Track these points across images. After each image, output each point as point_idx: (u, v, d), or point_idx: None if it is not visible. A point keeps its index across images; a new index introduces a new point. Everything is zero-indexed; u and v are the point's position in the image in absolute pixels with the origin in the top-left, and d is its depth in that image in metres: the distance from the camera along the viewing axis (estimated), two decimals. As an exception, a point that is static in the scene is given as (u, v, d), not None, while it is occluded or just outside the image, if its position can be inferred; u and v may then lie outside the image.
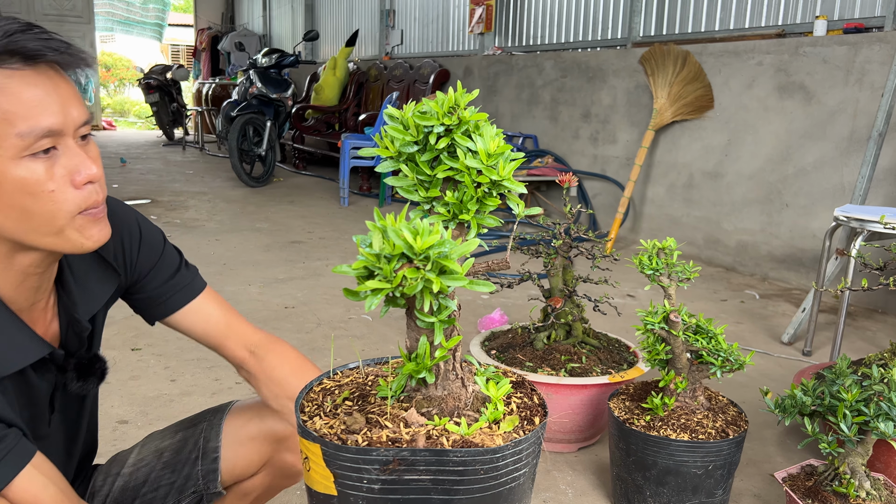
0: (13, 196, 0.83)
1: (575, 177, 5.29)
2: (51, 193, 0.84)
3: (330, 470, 0.76)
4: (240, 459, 1.24)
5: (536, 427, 0.80)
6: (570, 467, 1.99)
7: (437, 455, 0.72)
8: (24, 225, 0.85)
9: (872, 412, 1.41)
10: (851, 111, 3.66)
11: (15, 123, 0.80)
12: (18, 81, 0.81)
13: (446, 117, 0.78)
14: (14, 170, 0.81)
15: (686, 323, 1.66)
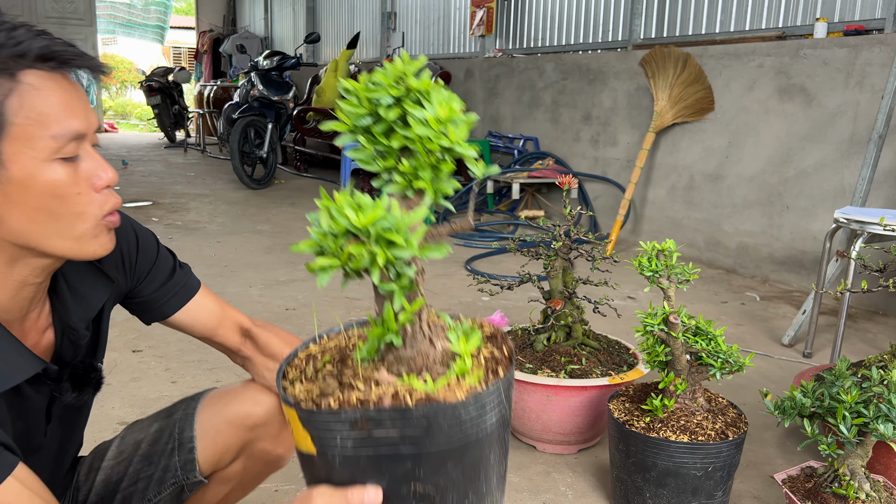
0: (41, 198, 0.83)
1: (575, 179, 5.30)
2: (77, 196, 0.85)
3: (307, 431, 0.80)
4: (216, 447, 1.23)
5: (500, 378, 0.80)
6: (570, 469, 1.99)
7: (401, 412, 0.76)
8: (47, 228, 0.85)
9: (872, 414, 1.41)
10: (852, 113, 3.67)
11: (49, 125, 0.81)
12: (52, 85, 0.83)
13: (394, 88, 0.77)
14: (45, 172, 0.82)
15: (685, 324, 1.66)
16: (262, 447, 1.25)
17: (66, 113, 0.83)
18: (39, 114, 0.81)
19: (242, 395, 1.25)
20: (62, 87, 0.83)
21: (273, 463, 1.29)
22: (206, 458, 1.23)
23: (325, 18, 10.92)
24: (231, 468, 1.28)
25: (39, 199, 0.83)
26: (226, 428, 1.23)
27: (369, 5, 9.34)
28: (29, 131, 0.81)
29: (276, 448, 1.25)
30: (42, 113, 0.81)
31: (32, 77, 0.81)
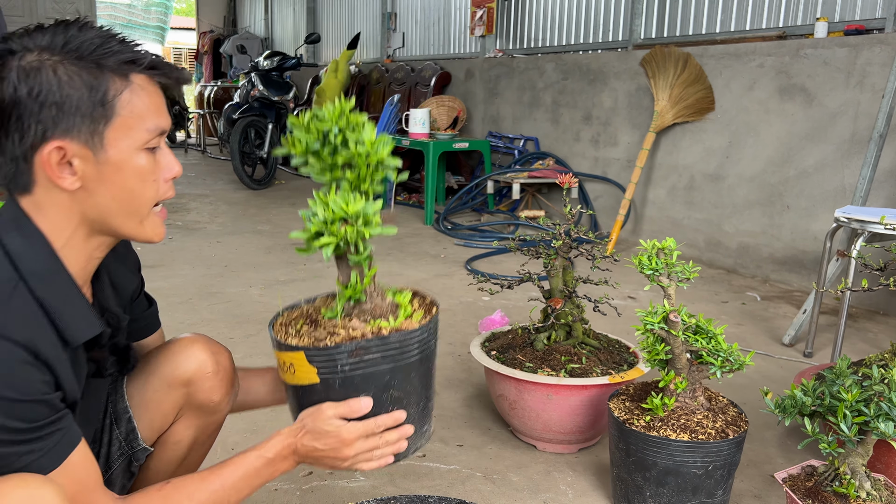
0: (128, 179, 0.99)
1: (575, 178, 5.29)
2: (154, 182, 1.02)
3: (313, 366, 1.11)
4: (152, 412, 1.29)
5: (434, 314, 1.20)
6: (570, 468, 1.99)
7: (382, 340, 1.10)
8: (125, 207, 1.00)
9: (873, 412, 1.41)
10: (852, 113, 3.66)
11: (145, 119, 0.99)
12: (151, 88, 1.01)
13: (339, 120, 1.11)
14: (135, 158, 0.99)
15: (686, 323, 1.66)
16: (200, 398, 1.30)
17: (158, 112, 1.01)
18: (140, 109, 0.98)
19: (169, 354, 1.30)
20: (157, 91, 1.02)
21: (214, 411, 1.33)
22: (148, 425, 1.29)
23: (325, 19, 10.93)
24: (175, 429, 1.33)
25: (126, 180, 0.99)
26: (161, 389, 1.28)
27: (369, 6, 9.34)
28: (130, 122, 0.98)
29: (212, 396, 1.30)
30: (142, 109, 0.99)
31: (139, 80, 0.99)
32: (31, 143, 0.94)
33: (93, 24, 0.98)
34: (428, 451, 2.05)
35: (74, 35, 0.95)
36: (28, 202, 0.98)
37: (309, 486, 1.83)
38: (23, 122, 0.93)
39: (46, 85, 0.92)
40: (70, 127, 0.94)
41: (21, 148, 0.94)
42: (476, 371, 2.62)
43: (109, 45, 0.96)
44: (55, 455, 0.93)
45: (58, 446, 0.94)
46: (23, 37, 0.95)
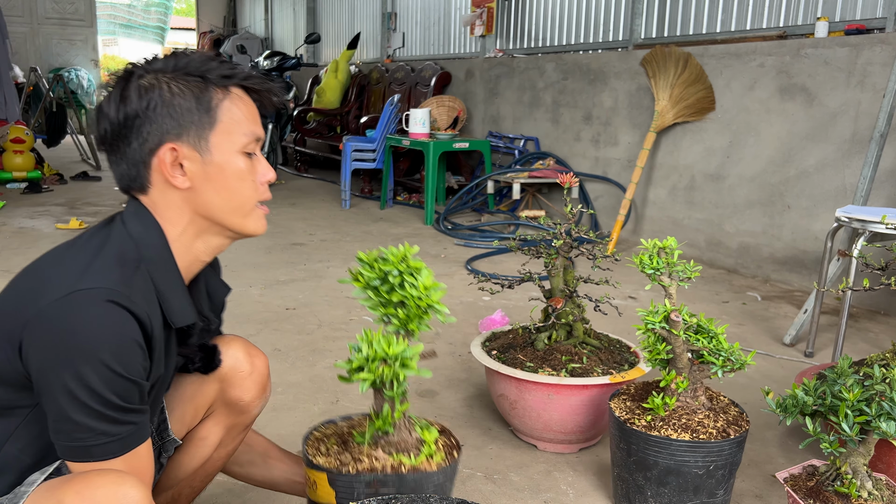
0: (229, 179, 1.12)
1: (575, 178, 5.28)
2: (252, 182, 1.15)
3: (333, 489, 1.23)
4: (185, 406, 1.33)
5: (454, 459, 1.31)
6: (571, 468, 1.99)
7: (399, 477, 1.21)
8: (229, 203, 1.13)
9: (874, 412, 1.40)
10: (853, 113, 3.66)
11: (242, 125, 1.13)
12: (247, 99, 1.15)
13: (401, 264, 1.25)
14: (235, 160, 1.12)
15: (687, 322, 1.66)
16: (232, 397, 1.34)
17: (253, 120, 1.15)
18: (238, 117, 1.12)
19: None
20: (251, 102, 1.16)
21: (243, 411, 1.37)
22: (179, 418, 1.33)
23: (325, 19, 10.92)
24: (204, 425, 1.37)
25: (228, 179, 1.12)
26: (195, 382, 1.33)
27: (370, 6, 9.34)
28: (230, 128, 1.11)
29: (244, 396, 1.35)
30: (240, 116, 1.13)
31: (237, 91, 1.14)
32: (150, 148, 1.09)
33: (198, 51, 1.15)
34: (428, 451, 2.04)
35: (182, 58, 1.12)
36: (146, 200, 1.12)
37: (309, 486, 1.82)
38: (142, 130, 1.08)
39: (161, 97, 1.08)
40: (181, 132, 1.09)
41: (141, 152, 1.09)
42: (476, 371, 2.62)
43: (211, 63, 1.12)
44: (126, 443, 1.01)
45: (130, 437, 1.01)
46: (141, 66, 1.12)
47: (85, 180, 7.31)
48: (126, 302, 0.99)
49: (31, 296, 1.00)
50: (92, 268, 1.01)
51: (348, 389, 2.44)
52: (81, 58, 12.49)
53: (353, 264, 1.30)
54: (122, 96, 1.09)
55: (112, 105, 1.09)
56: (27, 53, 11.80)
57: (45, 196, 6.32)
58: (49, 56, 12.18)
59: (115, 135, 1.10)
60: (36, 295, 0.99)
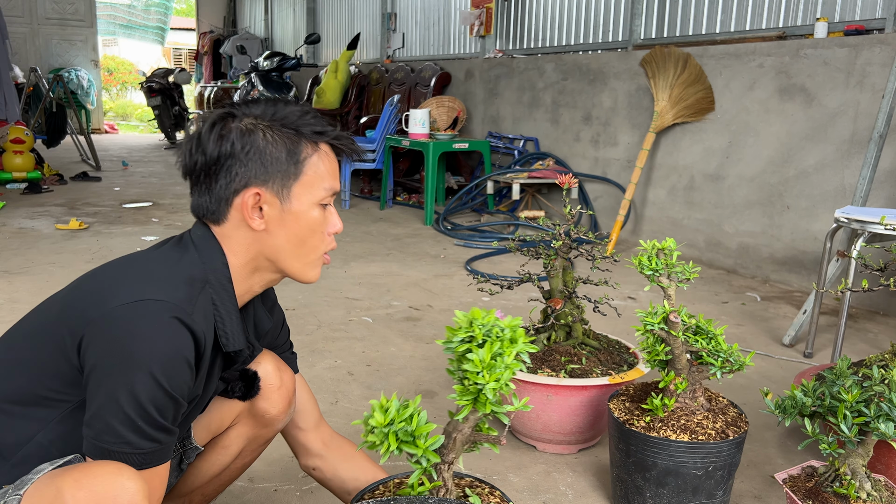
0: (303, 227, 1.18)
1: (575, 178, 5.28)
2: (321, 234, 1.21)
3: None
4: (212, 414, 1.35)
5: None
6: (570, 469, 1.99)
7: None
8: (295, 250, 1.19)
9: (873, 413, 1.40)
10: (852, 113, 3.66)
11: (325, 180, 1.19)
12: (332, 156, 1.22)
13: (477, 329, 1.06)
14: (311, 211, 1.18)
15: (686, 323, 1.66)
16: (259, 408, 1.35)
17: (333, 175, 1.21)
18: (321, 172, 1.19)
19: None
20: (335, 159, 1.23)
21: (267, 424, 1.37)
22: (205, 425, 1.35)
23: (325, 19, 10.93)
24: (228, 434, 1.39)
25: (301, 228, 1.18)
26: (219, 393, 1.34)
27: (369, 6, 9.34)
28: (313, 181, 1.18)
29: (270, 409, 1.36)
30: (323, 171, 1.19)
31: (325, 147, 1.20)
32: (235, 188, 1.15)
33: (295, 102, 1.22)
34: (428, 452, 2.04)
35: (281, 108, 1.18)
36: (217, 230, 1.18)
37: (308, 487, 1.82)
38: (232, 170, 1.14)
39: (256, 143, 1.14)
40: (267, 178, 1.15)
41: (227, 190, 1.15)
42: (476, 371, 2.61)
43: (306, 118, 1.18)
44: (146, 459, 1.02)
45: (152, 454, 1.03)
46: (242, 106, 1.18)
47: (85, 181, 7.31)
48: (188, 320, 1.04)
49: (100, 296, 1.04)
50: (162, 280, 1.06)
51: (347, 391, 2.44)
52: (81, 58, 12.49)
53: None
54: (220, 135, 1.15)
55: (210, 141, 1.15)
56: (27, 54, 11.80)
57: (45, 196, 6.32)
58: (49, 56, 12.18)
59: (205, 169, 1.15)
60: (104, 296, 1.04)
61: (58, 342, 1.04)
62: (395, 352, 2.81)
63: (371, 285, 3.73)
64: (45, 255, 4.18)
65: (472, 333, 1.03)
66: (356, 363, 2.67)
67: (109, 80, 20.04)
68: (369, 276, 3.90)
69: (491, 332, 1.03)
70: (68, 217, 5.30)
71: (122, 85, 20.86)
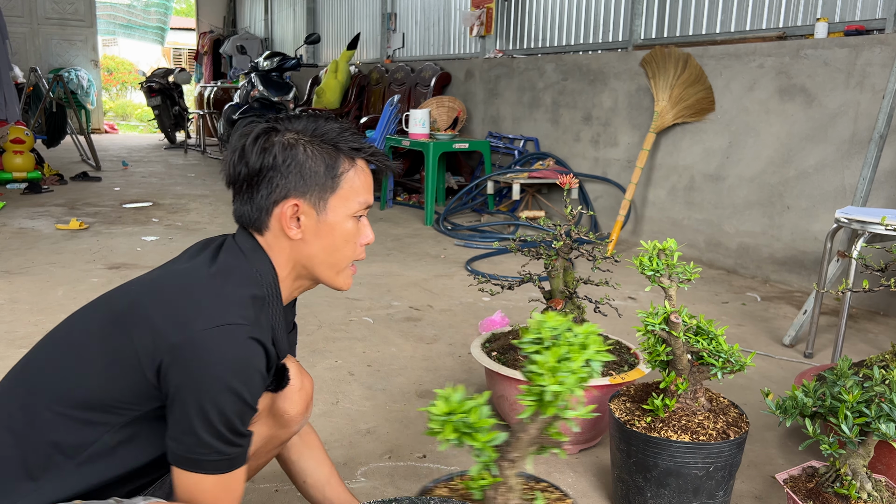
0: (337, 237, 1.26)
1: (575, 178, 5.29)
2: (354, 244, 1.28)
3: None
4: None
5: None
6: (570, 469, 1.99)
7: None
8: (328, 259, 1.27)
9: (874, 413, 1.41)
10: (852, 113, 3.66)
11: (359, 194, 1.26)
12: (367, 171, 1.29)
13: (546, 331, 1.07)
14: (345, 223, 1.26)
15: (687, 324, 1.66)
16: (280, 407, 1.36)
17: (368, 189, 1.28)
18: (356, 186, 1.26)
19: None
20: (369, 173, 1.29)
21: (285, 424, 1.40)
22: None
23: (325, 19, 10.93)
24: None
25: (335, 238, 1.26)
26: None
27: (369, 6, 9.34)
28: (348, 195, 1.25)
29: (290, 409, 1.38)
30: (359, 186, 1.26)
31: (361, 163, 1.27)
32: (275, 199, 1.22)
33: (335, 119, 1.28)
34: (428, 452, 2.05)
35: (321, 124, 1.25)
36: (261, 240, 1.25)
37: (309, 488, 1.82)
38: (273, 182, 1.21)
39: (297, 157, 1.21)
40: (305, 190, 1.22)
41: (267, 201, 1.22)
42: (476, 372, 2.62)
43: (344, 134, 1.25)
44: (232, 463, 1.13)
45: (237, 458, 1.14)
46: (284, 121, 1.25)
47: (85, 181, 7.31)
48: (262, 338, 1.13)
49: (176, 319, 1.10)
50: (234, 303, 1.14)
51: (348, 391, 2.44)
52: (81, 58, 12.49)
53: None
54: (263, 147, 1.22)
55: (254, 153, 1.22)
56: (27, 54, 11.80)
57: (45, 196, 6.32)
58: (49, 56, 12.18)
59: (248, 179, 1.23)
60: (183, 320, 1.10)
61: (131, 360, 1.10)
62: (396, 352, 2.81)
63: (371, 285, 3.73)
64: (45, 255, 4.17)
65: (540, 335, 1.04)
66: (356, 363, 2.67)
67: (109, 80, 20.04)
68: (370, 276, 3.90)
69: (560, 337, 1.04)
70: (68, 217, 5.30)
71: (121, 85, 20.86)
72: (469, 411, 1.06)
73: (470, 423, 1.06)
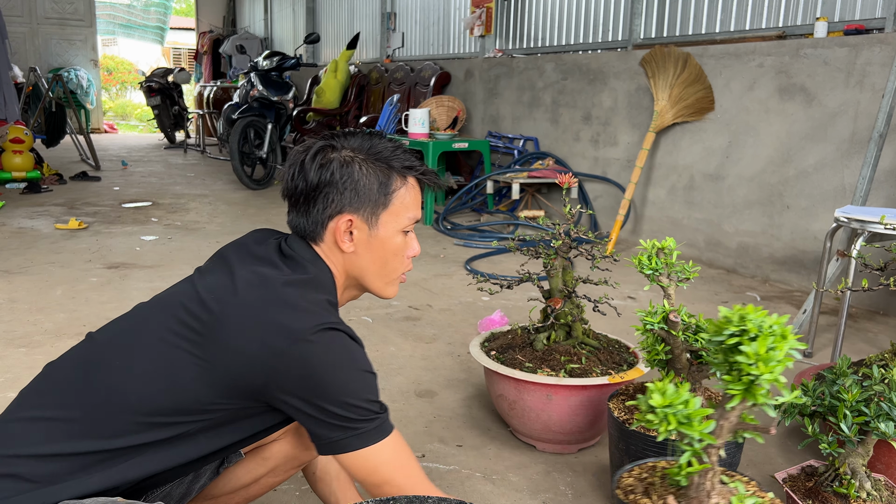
0: (385, 252, 1.31)
1: (574, 178, 5.28)
2: (402, 257, 1.34)
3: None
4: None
5: None
6: (570, 468, 1.99)
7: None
8: (378, 270, 1.33)
9: (873, 412, 1.40)
10: (852, 113, 3.66)
11: (409, 210, 1.32)
12: (417, 188, 1.34)
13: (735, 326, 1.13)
14: (395, 237, 1.32)
15: (685, 323, 1.65)
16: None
17: (417, 205, 1.34)
18: (407, 203, 1.31)
19: None
20: (419, 190, 1.35)
21: (309, 447, 1.42)
22: None
23: (324, 19, 10.92)
24: (271, 448, 1.45)
25: (384, 252, 1.31)
26: None
27: (369, 6, 9.34)
28: (399, 211, 1.31)
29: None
30: (409, 202, 1.32)
31: (412, 181, 1.33)
32: (330, 214, 1.27)
33: (388, 137, 1.34)
34: (427, 452, 2.04)
35: (376, 143, 1.31)
36: (318, 250, 1.30)
37: (307, 487, 1.82)
38: (329, 196, 1.27)
39: (352, 175, 1.27)
40: (359, 206, 1.27)
41: (323, 215, 1.28)
42: (475, 371, 2.62)
43: (397, 153, 1.31)
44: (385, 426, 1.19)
45: (387, 421, 1.20)
46: (341, 138, 1.31)
47: (84, 180, 7.30)
48: (348, 331, 1.20)
49: (276, 327, 1.14)
50: (319, 306, 1.20)
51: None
52: (81, 58, 12.48)
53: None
54: (321, 164, 1.27)
55: (312, 169, 1.27)
56: (26, 53, 11.79)
57: (45, 196, 6.32)
58: (48, 56, 12.17)
59: (306, 193, 1.28)
60: (283, 328, 1.14)
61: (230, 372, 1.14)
62: (395, 351, 2.81)
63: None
64: (44, 255, 4.17)
65: (744, 328, 1.11)
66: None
67: (109, 79, 20.03)
68: (369, 275, 3.90)
69: (762, 328, 1.11)
70: (68, 217, 5.30)
71: (121, 85, 20.85)
72: (686, 402, 1.13)
73: (687, 413, 1.12)
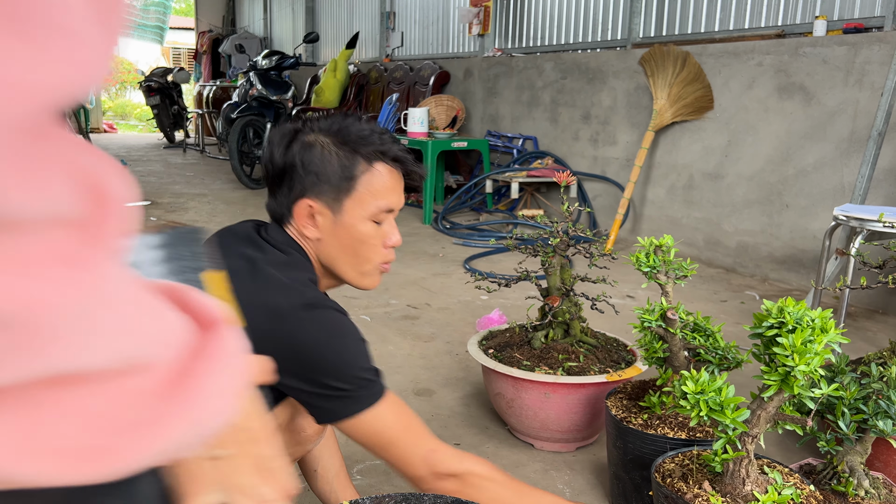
0: (352, 240, 1.28)
1: (573, 176, 5.28)
2: (374, 246, 1.29)
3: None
4: None
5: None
6: (567, 467, 1.98)
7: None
8: (349, 259, 1.29)
9: (871, 410, 1.40)
10: (851, 111, 3.66)
11: (377, 198, 1.27)
12: (389, 174, 1.28)
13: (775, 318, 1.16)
14: (361, 225, 1.27)
15: (683, 321, 1.65)
16: (299, 422, 1.37)
17: (388, 193, 1.28)
18: (375, 189, 1.26)
19: None
20: (393, 177, 1.29)
21: (300, 441, 1.40)
22: None
23: (324, 18, 10.92)
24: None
25: (351, 240, 1.28)
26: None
27: (368, 5, 9.33)
28: (364, 198, 1.26)
29: (308, 426, 1.38)
30: (376, 189, 1.26)
31: (381, 167, 1.27)
32: (294, 197, 1.26)
33: (365, 119, 1.29)
34: (425, 450, 2.04)
35: (347, 125, 1.27)
36: (292, 235, 1.29)
37: (305, 486, 1.82)
38: (293, 180, 1.25)
39: (313, 158, 1.24)
40: (321, 191, 1.25)
41: (288, 198, 1.27)
42: (473, 370, 2.61)
43: (371, 137, 1.26)
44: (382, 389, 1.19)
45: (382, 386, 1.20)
46: (314, 121, 1.29)
47: (83, 180, 7.30)
48: (333, 305, 1.22)
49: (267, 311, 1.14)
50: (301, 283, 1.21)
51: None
52: (80, 57, 12.46)
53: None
54: (287, 145, 1.26)
55: (279, 150, 1.27)
56: (26, 53, 11.77)
57: (43, 195, 6.31)
58: (48, 55, 12.14)
59: (274, 176, 1.28)
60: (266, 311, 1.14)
61: None
62: (394, 350, 2.81)
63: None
64: (42, 254, 4.16)
65: (782, 320, 1.11)
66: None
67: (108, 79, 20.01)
68: (367, 274, 3.89)
69: (801, 321, 1.11)
70: (66, 216, 5.29)
71: (120, 84, 20.85)
72: (719, 390, 1.14)
73: (719, 401, 1.12)
